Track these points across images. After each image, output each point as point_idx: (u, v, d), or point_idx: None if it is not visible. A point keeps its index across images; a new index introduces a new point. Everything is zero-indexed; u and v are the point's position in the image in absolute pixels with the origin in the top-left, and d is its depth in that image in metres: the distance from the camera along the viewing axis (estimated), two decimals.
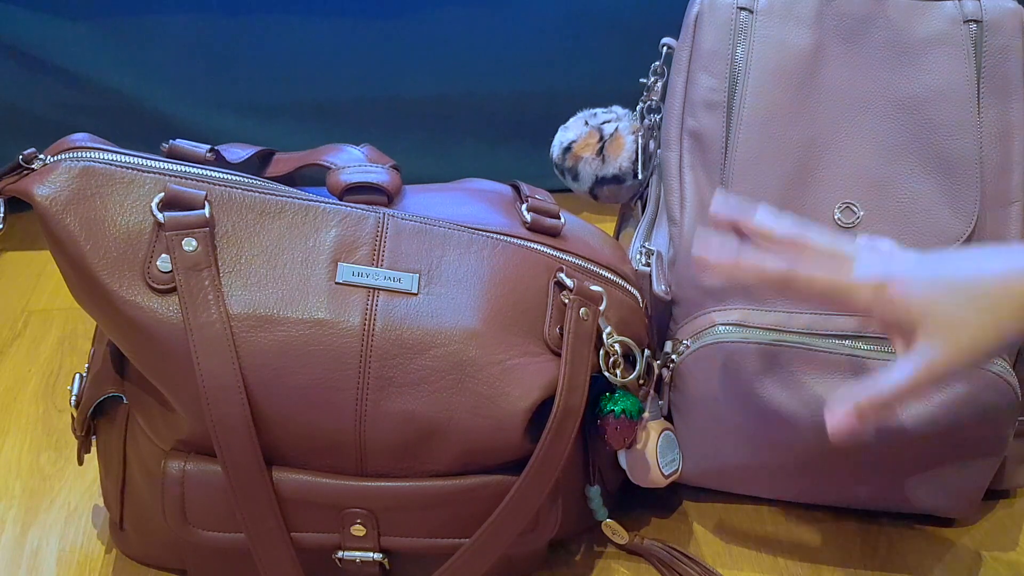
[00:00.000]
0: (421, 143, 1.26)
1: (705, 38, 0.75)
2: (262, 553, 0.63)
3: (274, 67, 1.19)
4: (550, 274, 0.67)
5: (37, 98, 1.18)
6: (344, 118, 1.23)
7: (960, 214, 0.73)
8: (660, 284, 0.76)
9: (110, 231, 0.61)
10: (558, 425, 0.62)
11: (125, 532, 0.71)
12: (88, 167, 0.62)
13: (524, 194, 0.73)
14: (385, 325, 0.62)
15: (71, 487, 0.80)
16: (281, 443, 0.62)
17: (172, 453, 0.63)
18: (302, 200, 0.65)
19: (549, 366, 0.64)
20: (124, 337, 0.61)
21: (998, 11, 0.74)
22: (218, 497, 0.63)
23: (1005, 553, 0.76)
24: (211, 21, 1.15)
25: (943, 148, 0.73)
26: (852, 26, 0.74)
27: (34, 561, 0.73)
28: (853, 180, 0.74)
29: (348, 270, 0.63)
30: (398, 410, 0.62)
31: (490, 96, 1.23)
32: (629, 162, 0.85)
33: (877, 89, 0.74)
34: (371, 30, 1.17)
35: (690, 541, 0.77)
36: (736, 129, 0.74)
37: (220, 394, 0.59)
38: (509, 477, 0.63)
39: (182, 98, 1.20)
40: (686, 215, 0.75)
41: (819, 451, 0.73)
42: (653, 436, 0.72)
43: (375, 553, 0.65)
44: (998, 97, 0.73)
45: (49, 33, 1.14)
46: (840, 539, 0.77)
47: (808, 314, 0.73)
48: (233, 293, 0.61)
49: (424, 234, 0.66)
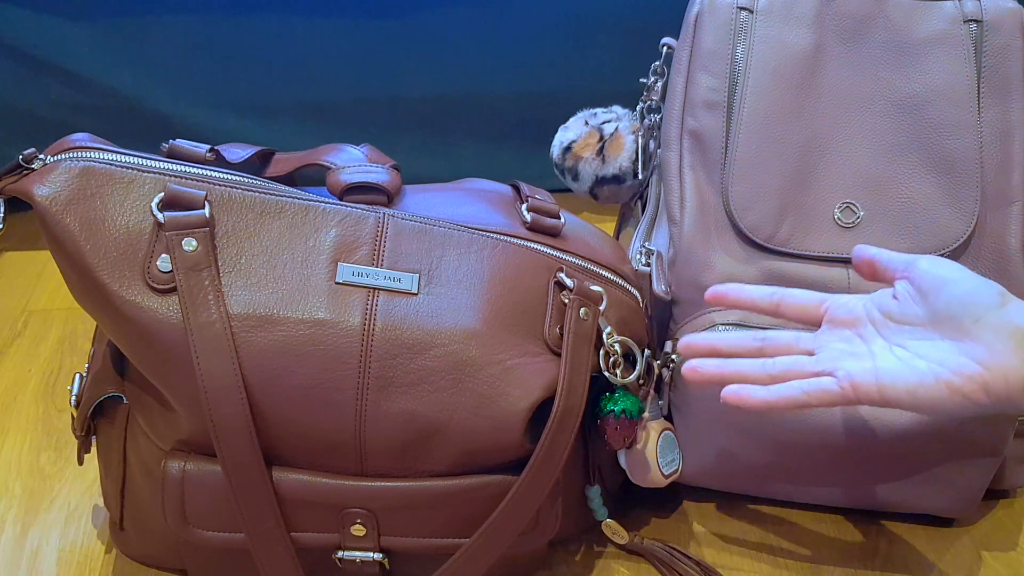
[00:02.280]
0: (421, 143, 1.26)
1: (705, 38, 0.75)
2: (262, 553, 0.63)
3: (274, 67, 1.19)
4: (550, 274, 0.67)
5: (37, 98, 1.18)
6: (344, 118, 1.23)
7: (960, 214, 0.73)
8: (660, 284, 0.76)
9: (110, 231, 0.61)
10: (558, 425, 0.62)
11: (125, 532, 0.71)
12: (88, 167, 0.62)
13: (524, 194, 0.73)
14: (385, 325, 0.62)
15: (71, 487, 0.80)
16: (281, 443, 0.62)
17: (172, 453, 0.63)
18: (302, 200, 0.65)
19: (549, 366, 0.64)
20: (124, 337, 0.61)
21: (998, 11, 0.74)
22: (218, 497, 0.63)
23: (1005, 553, 0.76)
24: (211, 21, 1.15)
25: (943, 148, 0.73)
26: (852, 26, 0.74)
27: (34, 561, 0.73)
28: (853, 180, 0.74)
29: (348, 270, 0.63)
30: (398, 410, 0.62)
31: (490, 96, 1.23)
32: (629, 162, 0.85)
33: (877, 89, 0.74)
34: (371, 30, 1.17)
35: (690, 541, 0.77)
36: (736, 129, 0.74)
37: (220, 394, 0.59)
38: (509, 477, 0.63)
39: (182, 98, 1.20)
40: (686, 215, 0.75)
41: (819, 451, 0.73)
42: (653, 436, 0.72)
43: (375, 553, 0.65)
44: (998, 97, 0.74)
45: (49, 33, 1.14)
46: (840, 539, 0.77)
47: None
48: (233, 293, 0.61)
49: (424, 234, 0.66)
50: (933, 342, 0.56)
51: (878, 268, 0.62)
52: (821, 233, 0.73)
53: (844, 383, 0.57)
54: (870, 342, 0.59)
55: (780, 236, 0.73)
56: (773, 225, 0.73)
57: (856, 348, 0.59)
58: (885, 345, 0.59)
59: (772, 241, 0.73)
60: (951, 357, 0.55)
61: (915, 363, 0.56)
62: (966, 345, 0.55)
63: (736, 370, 0.62)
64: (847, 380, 0.57)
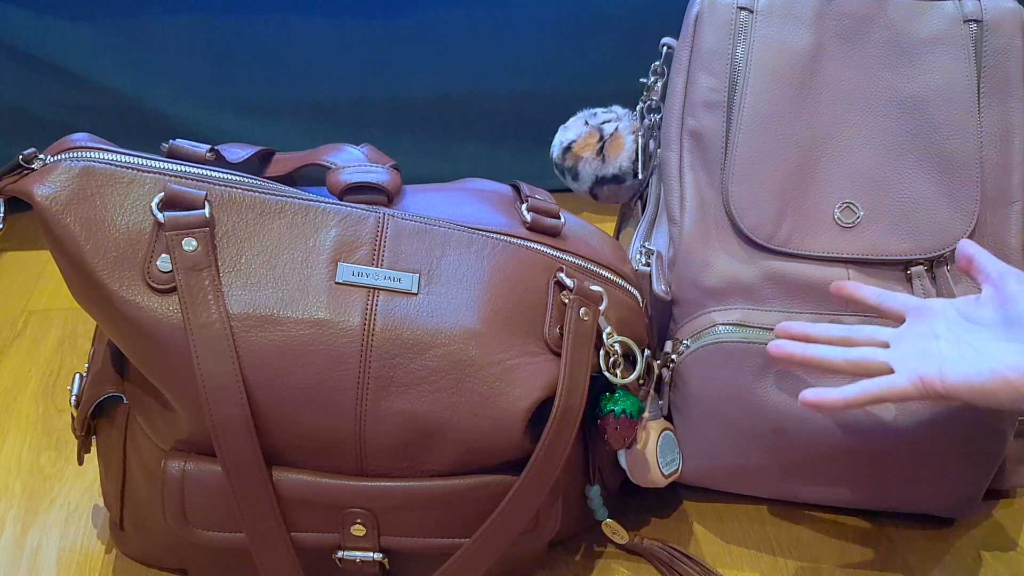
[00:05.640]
0: (421, 143, 1.26)
1: (705, 38, 0.75)
2: (262, 553, 0.63)
3: (274, 67, 1.19)
4: (550, 274, 0.67)
5: (37, 98, 1.18)
6: (344, 118, 1.23)
7: (960, 213, 0.73)
8: (660, 284, 0.76)
9: (110, 231, 0.61)
10: (558, 425, 0.62)
11: (125, 532, 0.71)
12: (88, 167, 0.62)
13: (524, 194, 0.73)
14: (385, 325, 0.62)
15: (71, 487, 0.80)
16: (281, 443, 0.62)
17: (172, 453, 0.63)
18: (302, 200, 0.65)
19: (549, 366, 0.64)
20: (124, 337, 0.61)
21: (998, 11, 0.74)
22: (218, 497, 0.63)
23: (1005, 553, 0.76)
24: (211, 21, 1.15)
25: (943, 148, 0.73)
26: (852, 26, 0.74)
27: (34, 561, 0.73)
28: (853, 179, 0.74)
29: (348, 270, 0.63)
30: (398, 410, 0.62)
31: (490, 96, 1.23)
32: (629, 162, 0.85)
33: (877, 89, 0.74)
34: (371, 30, 1.17)
35: (690, 541, 0.77)
36: (736, 129, 0.74)
37: (220, 394, 0.59)
38: (509, 477, 0.63)
39: (182, 98, 1.20)
40: (686, 215, 0.75)
41: (819, 451, 0.73)
42: (653, 436, 0.72)
43: (375, 553, 0.65)
44: (998, 97, 0.74)
45: (49, 33, 1.14)
46: (840, 539, 0.77)
47: (808, 314, 0.73)
48: (233, 293, 0.61)
49: (424, 234, 0.66)
50: (997, 342, 0.61)
51: (974, 266, 0.66)
52: (821, 233, 0.73)
53: (914, 378, 0.62)
54: (940, 337, 0.63)
55: (780, 236, 0.73)
56: (773, 225, 0.73)
57: (927, 344, 0.63)
58: (953, 340, 0.63)
59: (772, 241, 0.73)
60: (1010, 355, 0.59)
61: (976, 358, 0.61)
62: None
63: (816, 354, 0.66)
64: (916, 375, 0.62)
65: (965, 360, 0.61)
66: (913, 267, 0.73)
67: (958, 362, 0.61)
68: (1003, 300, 0.62)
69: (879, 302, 0.69)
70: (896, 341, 0.65)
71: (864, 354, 0.65)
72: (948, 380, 0.60)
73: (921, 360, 0.62)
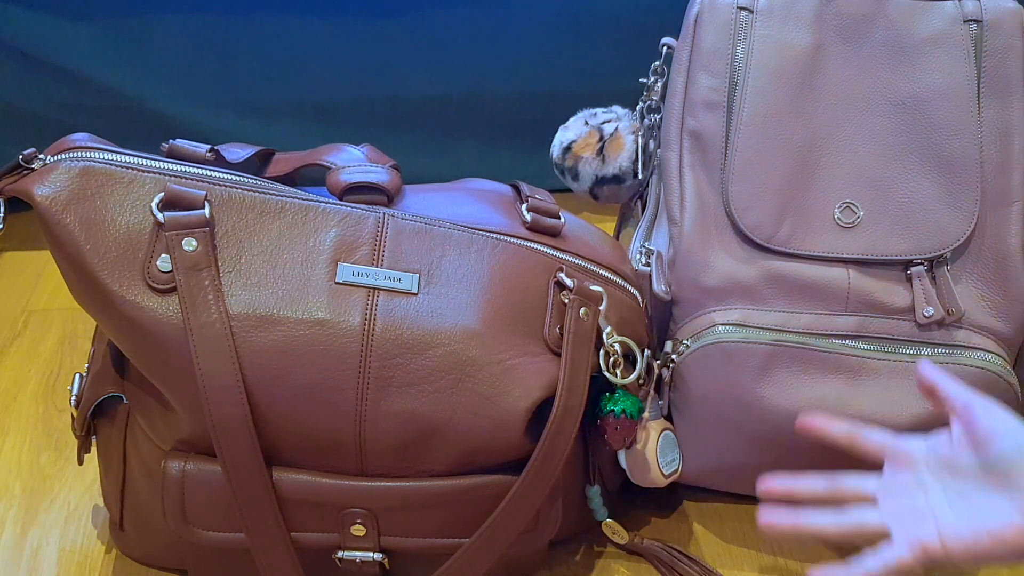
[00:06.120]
0: (421, 143, 1.26)
1: (705, 38, 0.75)
2: (262, 553, 0.63)
3: (274, 67, 1.19)
4: (550, 274, 0.67)
5: (37, 98, 1.18)
6: (344, 118, 1.23)
7: (960, 214, 0.73)
8: (660, 284, 0.76)
9: (110, 231, 0.61)
10: (558, 425, 0.62)
11: (125, 532, 0.71)
12: (88, 167, 0.62)
13: (524, 194, 0.73)
14: (385, 325, 0.62)
15: (71, 487, 0.80)
16: (281, 443, 0.62)
17: (172, 453, 0.63)
18: (302, 200, 0.65)
19: (549, 366, 0.64)
20: (124, 337, 0.61)
21: (998, 11, 0.74)
22: (218, 497, 0.63)
23: None
24: (211, 21, 1.15)
25: (943, 148, 0.73)
26: (852, 26, 0.74)
27: (34, 561, 0.73)
28: (853, 180, 0.74)
29: (348, 270, 0.63)
30: (398, 410, 0.62)
31: (490, 96, 1.23)
32: (629, 162, 0.85)
33: (877, 89, 0.74)
34: (371, 30, 1.17)
35: (690, 541, 0.77)
36: (736, 129, 0.74)
37: (220, 394, 0.59)
38: (509, 477, 0.63)
39: (182, 98, 1.20)
40: (686, 215, 0.75)
41: (819, 451, 0.73)
42: (653, 436, 0.72)
43: (375, 553, 0.65)
44: (998, 97, 0.74)
45: (49, 33, 1.14)
46: None
47: (808, 314, 0.73)
48: (233, 293, 0.61)
49: (424, 234, 0.66)
50: (987, 496, 0.59)
51: (938, 394, 0.64)
52: (821, 233, 0.73)
53: (915, 546, 0.60)
54: (928, 492, 0.62)
55: (780, 236, 0.73)
56: (773, 225, 0.73)
57: (916, 500, 0.62)
58: (943, 498, 0.61)
59: (772, 241, 0.73)
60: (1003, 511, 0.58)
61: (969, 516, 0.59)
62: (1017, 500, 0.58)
63: (808, 523, 0.64)
64: (917, 543, 0.60)
65: (959, 518, 0.59)
66: (913, 267, 0.73)
67: (954, 523, 0.59)
68: (975, 444, 0.60)
69: (850, 443, 0.67)
70: (884, 495, 0.63)
71: (857, 519, 0.63)
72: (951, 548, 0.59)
73: (917, 522, 0.61)
